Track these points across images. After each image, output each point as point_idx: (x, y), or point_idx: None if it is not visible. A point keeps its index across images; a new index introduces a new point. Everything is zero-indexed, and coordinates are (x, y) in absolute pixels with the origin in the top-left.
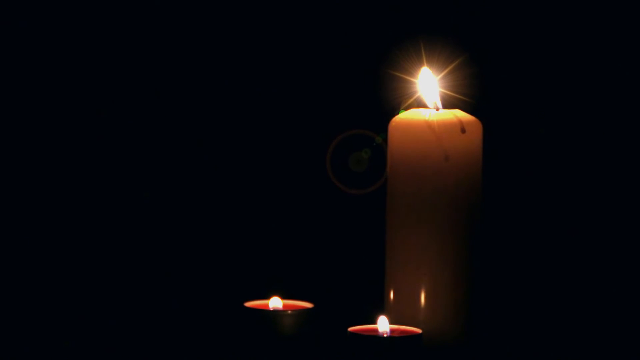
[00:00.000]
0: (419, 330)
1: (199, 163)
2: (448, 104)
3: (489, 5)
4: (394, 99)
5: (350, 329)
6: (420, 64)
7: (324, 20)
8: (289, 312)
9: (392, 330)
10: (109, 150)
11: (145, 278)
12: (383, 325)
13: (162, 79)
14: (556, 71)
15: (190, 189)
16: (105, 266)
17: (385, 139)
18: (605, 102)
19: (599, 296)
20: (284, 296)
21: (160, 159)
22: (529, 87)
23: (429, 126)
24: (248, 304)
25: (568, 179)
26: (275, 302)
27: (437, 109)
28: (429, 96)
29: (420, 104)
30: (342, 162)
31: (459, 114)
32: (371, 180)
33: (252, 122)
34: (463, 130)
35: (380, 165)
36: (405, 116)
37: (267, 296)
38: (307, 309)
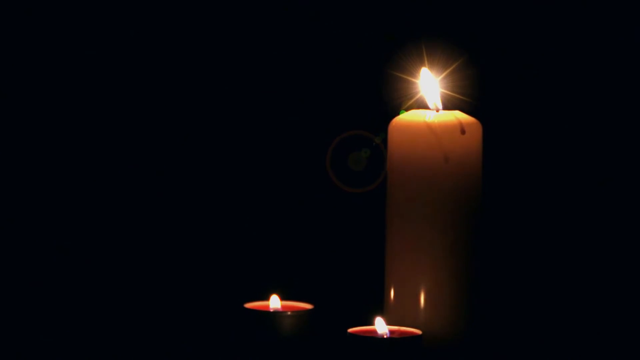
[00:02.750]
0: (418, 332)
1: (199, 163)
2: (449, 104)
3: (490, 7)
4: (396, 99)
5: (350, 330)
6: (422, 65)
7: (325, 21)
8: (289, 313)
9: (391, 332)
10: (109, 150)
11: (145, 278)
12: (380, 327)
13: (162, 79)
14: (556, 72)
15: (191, 190)
16: (106, 267)
17: (384, 139)
18: (605, 102)
19: (599, 296)
20: (283, 297)
21: (161, 160)
22: (529, 88)
23: (429, 127)
24: (248, 305)
25: (568, 179)
26: (274, 300)
27: (437, 110)
28: (430, 97)
29: (421, 105)
30: (342, 162)
31: (459, 115)
32: (370, 180)
33: (252, 123)
34: (463, 132)
35: (379, 165)
36: (405, 117)
37: (266, 297)
38: (307, 310)
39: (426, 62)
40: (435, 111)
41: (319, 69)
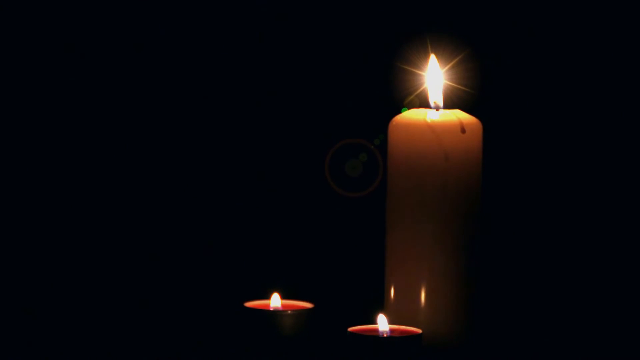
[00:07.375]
0: (418, 330)
1: (200, 165)
2: (453, 95)
3: (492, 5)
4: (397, 94)
5: (350, 329)
6: (425, 58)
7: (326, 19)
8: (289, 312)
9: (392, 330)
10: (109, 150)
11: (146, 278)
12: (382, 323)
13: (162, 80)
14: (556, 71)
15: (191, 190)
16: (106, 266)
17: (384, 140)
18: (605, 102)
19: (599, 295)
20: (284, 296)
21: (161, 160)
22: (529, 87)
23: (429, 126)
24: (248, 304)
25: (568, 178)
26: (275, 299)
27: (438, 109)
28: (432, 91)
29: (422, 103)
30: (340, 165)
31: (459, 114)
32: (369, 183)
33: (252, 123)
34: (463, 131)
35: (377, 167)
36: (405, 116)
37: (267, 296)
38: (307, 309)
39: (430, 54)
40: (435, 110)
41: (317, 68)
